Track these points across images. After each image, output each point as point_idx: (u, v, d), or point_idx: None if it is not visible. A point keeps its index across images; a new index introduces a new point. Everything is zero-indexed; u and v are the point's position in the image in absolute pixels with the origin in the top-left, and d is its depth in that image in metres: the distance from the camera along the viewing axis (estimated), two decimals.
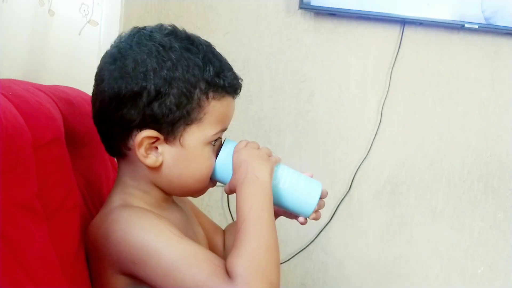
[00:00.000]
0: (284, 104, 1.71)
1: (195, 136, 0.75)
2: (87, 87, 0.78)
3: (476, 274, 1.75)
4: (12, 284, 0.52)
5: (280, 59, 1.69)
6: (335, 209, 1.72)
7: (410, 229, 1.73)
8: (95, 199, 0.84)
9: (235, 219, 1.72)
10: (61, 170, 0.69)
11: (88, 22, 1.02)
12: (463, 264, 1.74)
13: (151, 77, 0.71)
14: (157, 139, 0.73)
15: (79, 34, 1.01)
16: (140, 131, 0.72)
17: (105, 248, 0.69)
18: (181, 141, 0.74)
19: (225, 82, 0.75)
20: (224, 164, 0.79)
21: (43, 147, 0.63)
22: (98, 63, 0.77)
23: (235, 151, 0.79)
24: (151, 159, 0.74)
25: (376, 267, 1.75)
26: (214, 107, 0.75)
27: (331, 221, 1.72)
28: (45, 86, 0.79)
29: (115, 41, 0.77)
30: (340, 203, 1.72)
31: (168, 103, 0.71)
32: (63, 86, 0.87)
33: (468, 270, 1.74)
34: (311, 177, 0.85)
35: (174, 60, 0.72)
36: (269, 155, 0.81)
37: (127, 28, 0.79)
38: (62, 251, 0.64)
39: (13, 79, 0.73)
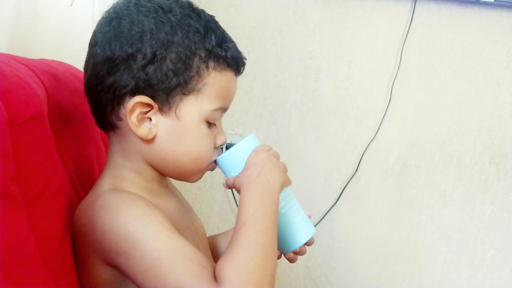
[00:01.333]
0: (290, 83, 1.65)
1: (193, 109, 0.69)
2: (80, 62, 0.73)
3: (485, 258, 1.70)
4: None
5: (286, 35, 1.63)
6: (341, 191, 1.67)
7: (418, 212, 1.69)
8: (85, 182, 0.79)
9: (238, 201, 1.68)
10: (43, 151, 0.64)
11: None
12: (473, 248, 1.70)
13: (148, 38, 0.66)
14: (151, 107, 0.68)
15: (71, 5, 0.95)
16: (133, 97, 0.67)
17: (91, 235, 0.64)
18: (177, 112, 0.69)
19: (227, 53, 0.71)
20: (239, 155, 0.73)
21: (21, 126, 0.58)
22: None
23: (256, 150, 0.74)
24: (144, 130, 0.69)
25: (383, 250, 1.71)
26: (215, 79, 0.70)
27: (337, 203, 1.67)
28: (29, 59, 0.74)
29: (112, 4, 0.72)
30: (346, 185, 1.67)
31: (164, 68, 0.67)
32: (50, 60, 0.81)
33: (477, 254, 1.70)
34: (309, 216, 0.81)
35: (174, 23, 0.67)
36: (286, 171, 0.75)
37: None
38: (44, 239, 0.59)
39: None
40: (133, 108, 0.67)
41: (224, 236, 0.94)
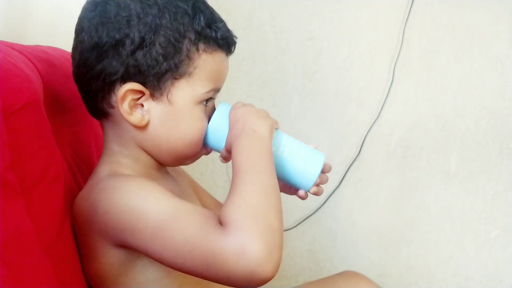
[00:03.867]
0: (290, 65, 1.64)
1: (185, 93, 0.69)
2: None
3: (489, 238, 1.70)
4: None
5: (285, 16, 1.61)
6: (344, 174, 1.66)
7: (421, 193, 1.68)
8: (84, 169, 0.78)
9: None
10: (40, 138, 0.63)
11: None
12: (476, 228, 1.70)
13: (135, 23, 0.65)
14: (142, 94, 0.67)
15: None
16: (123, 84, 0.66)
17: (94, 219, 0.64)
18: (169, 97, 0.68)
19: (217, 33, 0.69)
20: (217, 126, 0.72)
21: (16, 113, 0.57)
22: None
23: (232, 110, 0.73)
24: (136, 117, 0.68)
25: (386, 232, 1.70)
26: (205, 61, 0.69)
27: (340, 186, 1.66)
28: (22, 45, 0.72)
29: None
30: (349, 167, 1.66)
31: (153, 53, 0.66)
32: (45, 46, 0.79)
33: (481, 234, 1.70)
34: (314, 148, 0.79)
35: (161, 5, 0.66)
36: (268, 115, 0.75)
37: None
38: (42, 227, 0.58)
39: None
40: (124, 95, 0.67)
41: None
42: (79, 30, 0.68)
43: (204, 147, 0.75)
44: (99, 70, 0.66)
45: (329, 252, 1.73)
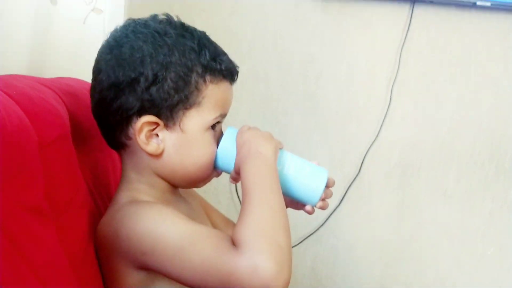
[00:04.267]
0: (292, 85, 1.68)
1: (195, 121, 0.74)
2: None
3: (486, 255, 1.74)
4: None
5: (287, 39, 1.66)
6: (344, 191, 1.70)
7: (420, 211, 1.72)
8: (103, 192, 0.83)
9: None
10: (68, 167, 0.68)
11: (92, 10, 1.00)
12: (473, 245, 1.73)
13: (148, 62, 0.71)
14: (157, 125, 0.73)
15: (84, 23, 0.99)
16: (140, 117, 0.72)
17: (117, 244, 0.69)
18: (181, 126, 0.74)
19: (221, 65, 0.75)
20: (226, 150, 0.77)
21: (49, 146, 0.62)
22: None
23: (238, 134, 0.79)
24: (152, 146, 0.73)
25: (387, 249, 1.74)
26: (212, 91, 0.75)
27: (341, 204, 1.71)
28: (49, 79, 0.78)
29: (111, 33, 0.76)
30: (350, 185, 1.70)
31: (166, 87, 0.71)
32: (67, 78, 0.85)
33: (478, 251, 1.73)
34: (317, 165, 0.83)
35: (170, 45, 0.72)
36: (272, 137, 0.80)
37: (131, 13, 0.78)
38: (71, 250, 0.63)
39: (17, 75, 0.71)
40: (141, 127, 0.72)
41: None
42: (97, 71, 0.74)
43: (215, 170, 0.80)
44: (117, 106, 0.72)
45: (330, 270, 1.76)
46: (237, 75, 0.80)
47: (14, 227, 0.51)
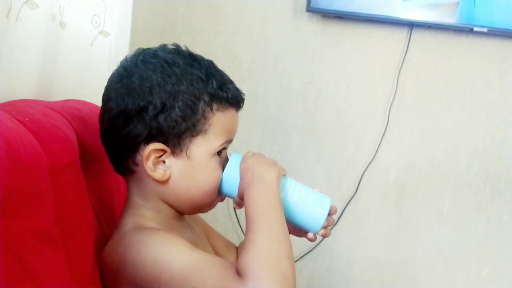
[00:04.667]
0: (291, 105, 1.71)
1: (201, 148, 0.75)
2: (99, 97, 0.79)
3: (480, 276, 1.75)
4: None
5: (286, 60, 1.69)
6: (341, 211, 1.72)
7: (416, 231, 1.74)
8: (107, 215, 0.84)
9: (240, 221, 1.73)
10: (77, 193, 0.69)
11: (100, 33, 1.02)
12: (468, 266, 1.75)
13: (157, 91, 0.72)
14: (164, 152, 0.74)
15: (91, 46, 1.01)
16: (147, 144, 0.73)
17: (122, 271, 0.70)
18: (187, 153, 0.75)
19: (228, 94, 0.76)
20: (231, 176, 0.78)
21: (60, 172, 0.63)
22: (109, 73, 0.78)
23: (242, 160, 0.80)
24: (159, 173, 0.75)
25: (382, 269, 1.75)
26: (219, 118, 0.76)
27: (338, 223, 1.72)
28: (58, 103, 0.79)
29: (121, 62, 0.78)
30: (346, 205, 1.72)
31: (173, 116, 0.73)
32: (76, 101, 0.86)
33: (472, 271, 1.75)
34: (321, 192, 0.85)
35: (178, 74, 0.74)
36: (276, 163, 0.81)
37: (137, 34, 0.79)
38: (78, 274, 0.64)
39: (29, 101, 0.73)
40: (149, 154, 0.73)
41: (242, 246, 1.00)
42: (107, 99, 0.76)
43: (219, 195, 0.81)
44: (125, 133, 0.73)
45: None
46: (243, 102, 0.81)
47: (25, 253, 0.52)
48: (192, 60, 0.76)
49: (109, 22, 1.02)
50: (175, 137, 0.74)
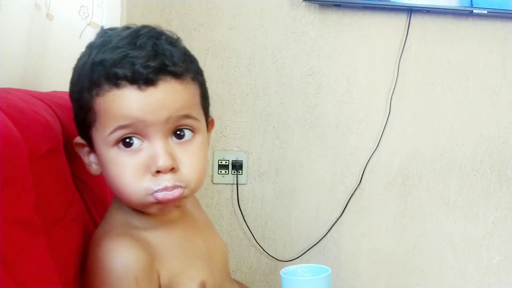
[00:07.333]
0: (292, 99, 1.69)
1: (98, 140, 0.69)
2: None
3: (491, 265, 1.73)
4: None
5: (285, 53, 1.67)
6: (346, 203, 1.70)
7: (423, 221, 1.72)
8: (98, 204, 0.83)
9: (245, 217, 1.71)
10: (60, 181, 0.68)
11: (89, 24, 1.00)
12: (478, 255, 1.72)
13: (71, 88, 0.72)
14: (84, 146, 0.72)
15: (80, 37, 0.99)
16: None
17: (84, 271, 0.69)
18: (96, 147, 0.70)
19: (99, 73, 0.66)
20: None
21: (40, 159, 0.62)
22: None
23: None
24: (93, 168, 0.73)
25: (390, 260, 1.73)
26: (100, 105, 0.67)
27: (343, 215, 1.70)
28: (42, 93, 0.78)
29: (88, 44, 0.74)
30: (351, 196, 1.70)
31: (75, 113, 0.72)
32: (62, 92, 0.85)
33: (483, 260, 1.72)
34: None
35: (80, 68, 0.71)
36: None
37: None
38: (63, 265, 0.63)
39: (9, 88, 0.71)
40: (77, 148, 0.73)
41: None
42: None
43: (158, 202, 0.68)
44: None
45: (334, 281, 1.74)
46: (137, 73, 0.65)
47: (0, 240, 0.51)
48: (102, 46, 0.67)
49: (97, 13, 1.01)
50: (83, 132, 0.72)
